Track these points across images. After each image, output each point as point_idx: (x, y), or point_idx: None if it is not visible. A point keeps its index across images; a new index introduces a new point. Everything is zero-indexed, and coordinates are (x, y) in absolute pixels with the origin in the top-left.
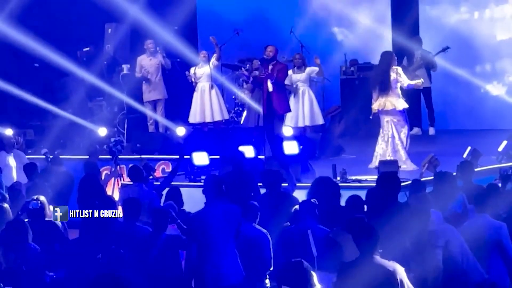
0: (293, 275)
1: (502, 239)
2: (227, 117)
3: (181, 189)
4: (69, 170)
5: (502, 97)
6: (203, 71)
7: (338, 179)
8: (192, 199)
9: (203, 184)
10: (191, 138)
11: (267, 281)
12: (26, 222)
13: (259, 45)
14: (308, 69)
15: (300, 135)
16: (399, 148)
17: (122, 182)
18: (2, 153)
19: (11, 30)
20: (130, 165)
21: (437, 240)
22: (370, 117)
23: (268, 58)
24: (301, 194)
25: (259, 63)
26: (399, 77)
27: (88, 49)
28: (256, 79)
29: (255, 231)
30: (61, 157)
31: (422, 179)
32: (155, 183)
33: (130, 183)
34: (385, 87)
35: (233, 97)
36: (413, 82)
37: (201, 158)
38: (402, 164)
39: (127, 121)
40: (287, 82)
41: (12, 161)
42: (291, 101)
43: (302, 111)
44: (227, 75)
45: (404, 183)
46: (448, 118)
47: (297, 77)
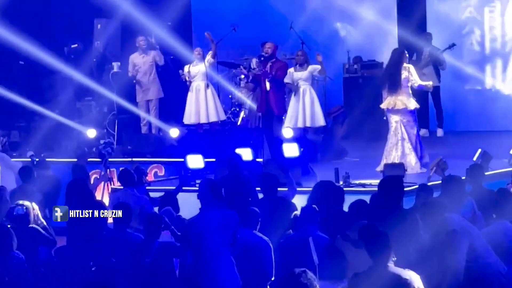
0: (296, 286)
1: None
2: (223, 118)
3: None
4: (56, 174)
5: None
6: (198, 69)
7: (341, 183)
8: (187, 204)
9: (198, 188)
10: (186, 140)
11: None
12: (10, 228)
13: (257, 41)
14: (310, 67)
15: (301, 137)
16: (410, 151)
17: (112, 186)
18: None
19: None
20: (120, 169)
21: (460, 239)
22: (384, 118)
23: (266, 55)
24: (301, 199)
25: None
26: (411, 75)
27: (76, 45)
28: (255, 77)
29: (255, 238)
30: (48, 160)
31: (429, 183)
32: (147, 187)
33: (121, 187)
34: (395, 85)
35: (230, 96)
36: (424, 83)
37: (195, 161)
38: (410, 168)
39: (117, 122)
40: (288, 80)
41: None
42: (292, 100)
43: (302, 111)
44: (223, 73)
45: (411, 188)
46: (457, 119)
47: (298, 75)
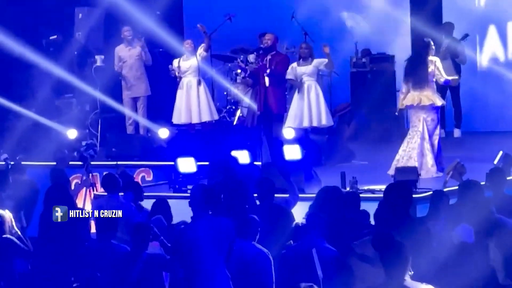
0: None
1: None
2: (216, 117)
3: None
4: (33, 178)
5: None
6: (189, 64)
7: (348, 189)
8: (177, 212)
9: (189, 195)
10: (176, 141)
11: None
12: None
13: (255, 32)
14: (316, 61)
15: (303, 138)
16: (428, 152)
17: (95, 192)
18: None
19: None
20: (104, 173)
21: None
22: (396, 113)
23: (265, 47)
24: (304, 207)
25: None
26: (437, 69)
27: (55, 37)
28: (253, 72)
29: (254, 250)
30: (24, 163)
31: (445, 189)
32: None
33: (105, 194)
34: (420, 80)
35: (225, 93)
36: (449, 77)
37: (187, 165)
38: (426, 170)
39: (100, 121)
40: (291, 76)
41: None
42: (295, 98)
43: (308, 109)
44: (218, 67)
45: (424, 194)
46: (476, 118)
47: (302, 69)
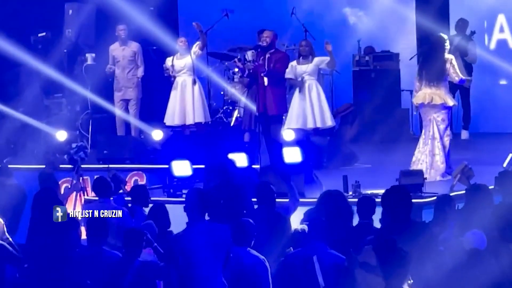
0: None
1: None
2: (208, 120)
3: None
4: (21, 182)
5: None
6: (183, 62)
7: (350, 193)
8: (172, 217)
9: (184, 199)
10: (170, 144)
11: None
12: None
13: (253, 29)
14: (317, 59)
15: (304, 140)
16: (439, 151)
17: (86, 197)
18: None
19: None
20: (95, 177)
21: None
22: (414, 113)
23: (264, 45)
24: (302, 212)
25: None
26: (452, 68)
27: (44, 34)
28: (252, 71)
29: (250, 257)
30: (11, 166)
31: (452, 194)
32: (126, 198)
33: (96, 198)
34: (435, 77)
35: (222, 93)
36: (464, 77)
37: (182, 168)
38: (435, 169)
39: (91, 122)
40: (290, 75)
41: None
42: (295, 98)
43: (311, 109)
44: (214, 66)
45: (430, 199)
46: (485, 119)
47: (302, 68)
